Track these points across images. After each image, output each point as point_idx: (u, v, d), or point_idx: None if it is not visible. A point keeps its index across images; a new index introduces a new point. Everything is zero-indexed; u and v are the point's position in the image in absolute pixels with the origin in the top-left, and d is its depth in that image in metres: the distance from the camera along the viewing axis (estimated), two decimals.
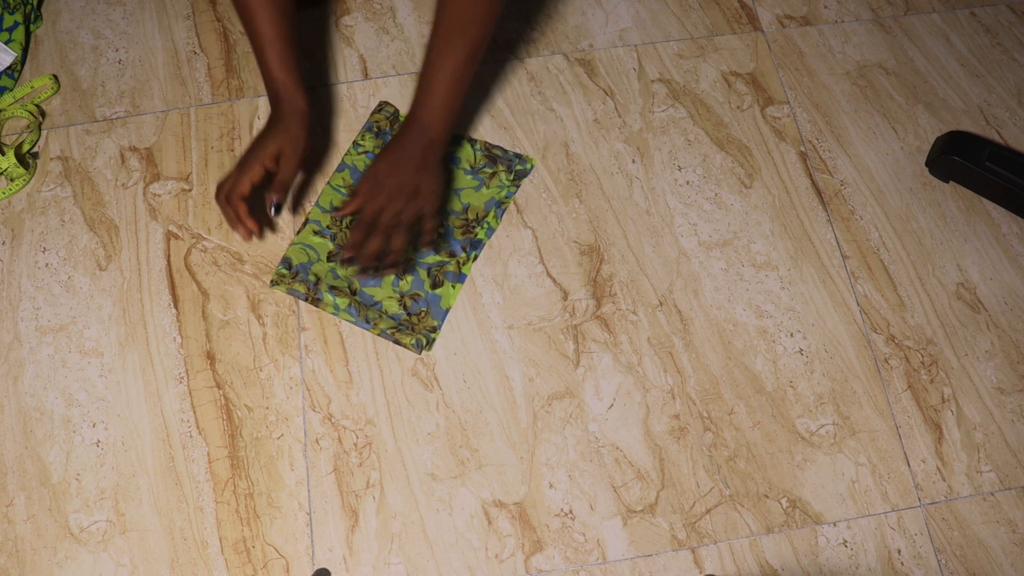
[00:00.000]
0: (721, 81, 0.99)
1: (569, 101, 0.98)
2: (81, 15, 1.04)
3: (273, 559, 0.76)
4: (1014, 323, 0.86)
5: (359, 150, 0.94)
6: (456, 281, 0.87)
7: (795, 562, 0.76)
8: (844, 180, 0.93)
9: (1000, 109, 0.98)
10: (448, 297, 0.86)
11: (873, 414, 0.82)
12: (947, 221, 0.91)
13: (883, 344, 0.85)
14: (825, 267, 0.89)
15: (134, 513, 0.77)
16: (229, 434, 0.81)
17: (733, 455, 0.80)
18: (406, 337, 0.83)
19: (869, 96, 0.98)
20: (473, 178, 0.92)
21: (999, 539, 0.77)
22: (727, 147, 0.95)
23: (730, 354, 0.84)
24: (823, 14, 1.04)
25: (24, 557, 0.76)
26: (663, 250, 0.89)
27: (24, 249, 0.90)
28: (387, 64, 1.01)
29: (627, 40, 1.02)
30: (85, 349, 0.84)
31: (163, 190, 0.93)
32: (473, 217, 0.90)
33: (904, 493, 0.79)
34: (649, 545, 0.76)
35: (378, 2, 1.05)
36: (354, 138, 0.94)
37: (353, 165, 0.92)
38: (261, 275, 0.88)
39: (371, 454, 0.80)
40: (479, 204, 0.91)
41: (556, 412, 0.81)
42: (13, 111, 0.96)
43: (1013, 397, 0.82)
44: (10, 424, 0.81)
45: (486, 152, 0.94)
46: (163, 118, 0.97)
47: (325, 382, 0.83)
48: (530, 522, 0.77)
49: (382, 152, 0.83)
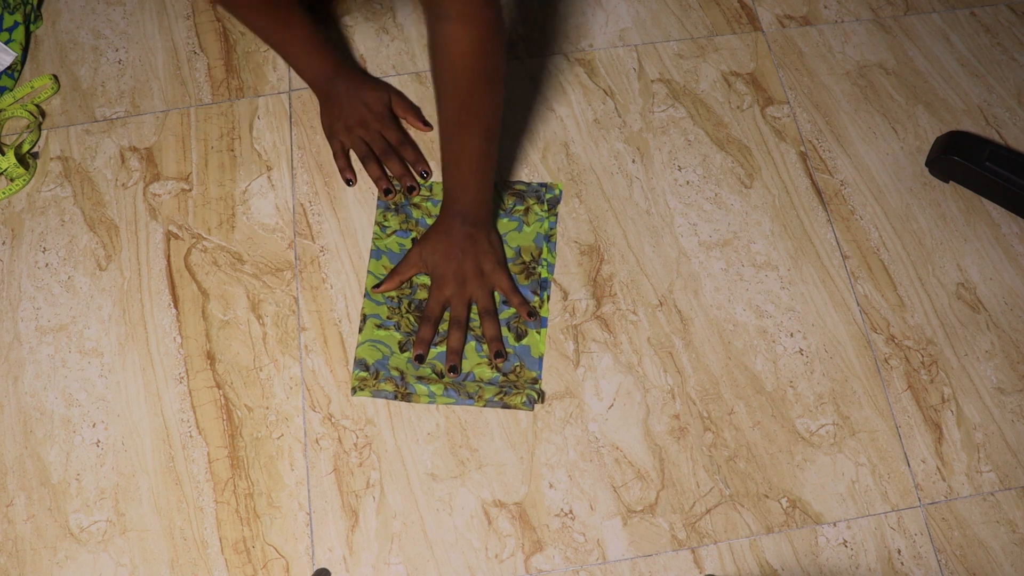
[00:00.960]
0: (721, 81, 0.99)
1: (569, 101, 0.98)
2: (81, 15, 1.04)
3: (273, 559, 0.76)
4: (1014, 323, 0.86)
5: (387, 232, 0.89)
6: (539, 327, 0.84)
7: (795, 562, 0.76)
8: (844, 180, 0.93)
9: (1000, 109, 0.98)
10: (537, 345, 0.83)
11: (873, 414, 0.82)
12: (947, 221, 0.91)
13: (883, 344, 0.85)
14: (825, 267, 0.89)
15: (134, 513, 0.77)
16: (229, 434, 0.81)
17: (733, 455, 0.80)
18: (514, 398, 0.80)
19: (869, 96, 0.98)
20: (510, 220, 0.90)
21: (999, 539, 0.77)
22: (727, 147, 0.95)
23: (730, 354, 0.84)
24: (823, 14, 1.04)
25: (24, 557, 0.76)
26: (663, 250, 0.89)
27: (24, 249, 0.90)
28: (387, 64, 1.01)
29: (627, 40, 1.02)
30: (85, 349, 0.84)
31: (163, 190, 0.93)
32: (529, 259, 0.88)
33: (904, 493, 0.79)
34: (649, 545, 0.76)
35: (378, 2, 1.05)
36: (374, 219, 0.90)
37: (388, 249, 0.88)
38: (261, 275, 0.88)
39: (371, 454, 0.80)
40: (528, 243, 0.89)
41: (556, 412, 0.81)
42: (13, 111, 0.96)
43: (1013, 397, 0.82)
44: (10, 424, 0.81)
45: (511, 191, 0.91)
46: (163, 118, 0.97)
47: (325, 382, 0.83)
48: (530, 522, 0.77)
49: (425, 242, 0.84)
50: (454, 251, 0.83)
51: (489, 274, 0.84)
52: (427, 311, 0.83)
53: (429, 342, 0.82)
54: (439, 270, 0.83)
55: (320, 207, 0.92)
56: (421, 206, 0.91)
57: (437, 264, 0.83)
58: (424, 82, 0.99)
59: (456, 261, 0.83)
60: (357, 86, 0.93)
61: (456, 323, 0.82)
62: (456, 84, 0.69)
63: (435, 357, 0.83)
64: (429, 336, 0.82)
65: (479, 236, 0.83)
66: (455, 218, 0.82)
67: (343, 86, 0.92)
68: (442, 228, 0.83)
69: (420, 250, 0.84)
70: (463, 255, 0.83)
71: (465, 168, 0.77)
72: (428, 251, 0.84)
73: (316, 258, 0.89)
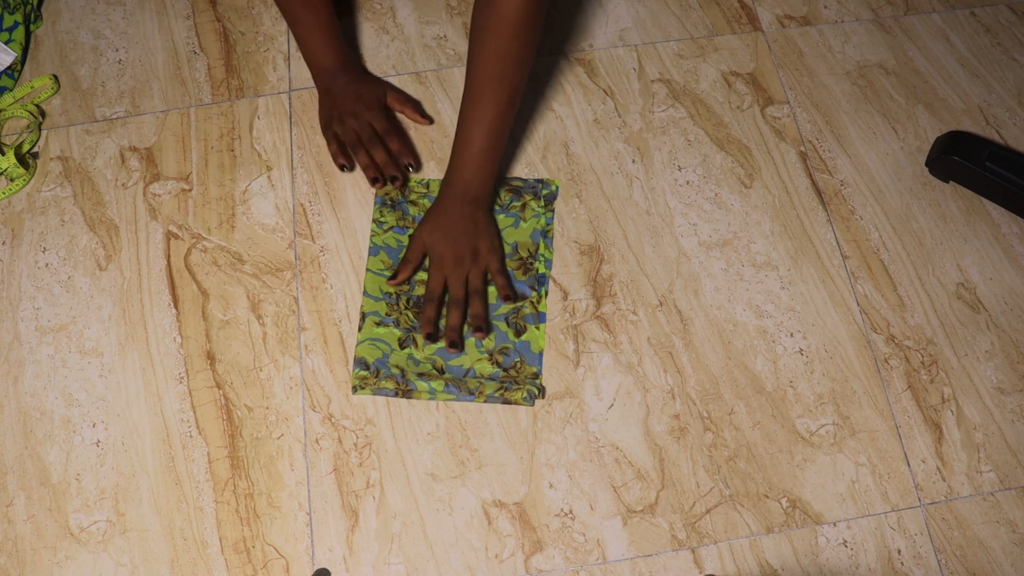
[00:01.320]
0: (721, 81, 0.99)
1: (569, 101, 0.98)
2: (81, 15, 1.04)
3: (273, 559, 0.76)
4: (1014, 323, 0.86)
5: (384, 228, 0.90)
6: (538, 322, 0.84)
7: (795, 562, 0.76)
8: (844, 180, 0.93)
9: (1000, 109, 0.98)
10: (536, 340, 0.84)
11: (873, 414, 0.82)
12: (947, 221, 0.91)
13: (883, 344, 0.85)
14: (825, 267, 0.89)
15: (134, 513, 0.77)
16: (229, 434, 0.81)
17: (733, 455, 0.80)
18: (515, 394, 0.80)
19: (869, 96, 0.98)
20: (507, 216, 0.90)
21: (999, 539, 0.77)
22: (727, 147, 0.95)
23: (730, 354, 0.84)
24: (823, 14, 1.04)
25: (24, 557, 0.76)
26: (663, 250, 0.89)
27: (24, 249, 0.90)
28: (387, 64, 1.01)
29: (627, 40, 1.02)
30: (85, 349, 0.84)
31: (163, 190, 0.93)
32: (526, 254, 0.88)
33: (904, 493, 0.79)
34: (649, 545, 0.76)
35: (378, 2, 1.05)
36: (372, 216, 0.91)
37: (386, 245, 0.89)
38: (261, 275, 0.88)
39: (371, 454, 0.80)
40: (525, 239, 0.89)
41: (556, 412, 0.81)
42: (13, 111, 0.96)
43: (1013, 397, 0.82)
44: (10, 424, 0.81)
45: (508, 187, 0.91)
46: (163, 118, 0.97)
47: (325, 382, 0.83)
48: (530, 522, 0.77)
49: (426, 221, 0.85)
50: (452, 231, 0.83)
51: (484, 255, 0.84)
52: (428, 290, 0.83)
53: (435, 321, 0.82)
54: (437, 249, 0.84)
55: (320, 207, 0.92)
56: (418, 203, 0.91)
57: (436, 244, 0.84)
58: (424, 82, 0.99)
59: (454, 241, 0.83)
60: (355, 81, 0.93)
61: (455, 302, 0.82)
62: (500, 39, 0.74)
63: (435, 352, 0.83)
64: (434, 315, 0.82)
65: (478, 215, 0.84)
66: (455, 197, 0.83)
67: (343, 80, 0.93)
68: (440, 207, 0.84)
69: (420, 231, 0.85)
70: (461, 235, 0.83)
71: (475, 133, 0.80)
72: (427, 231, 0.84)
73: (316, 258, 0.89)
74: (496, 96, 0.78)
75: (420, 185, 0.92)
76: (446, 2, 1.05)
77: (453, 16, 1.04)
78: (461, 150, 0.82)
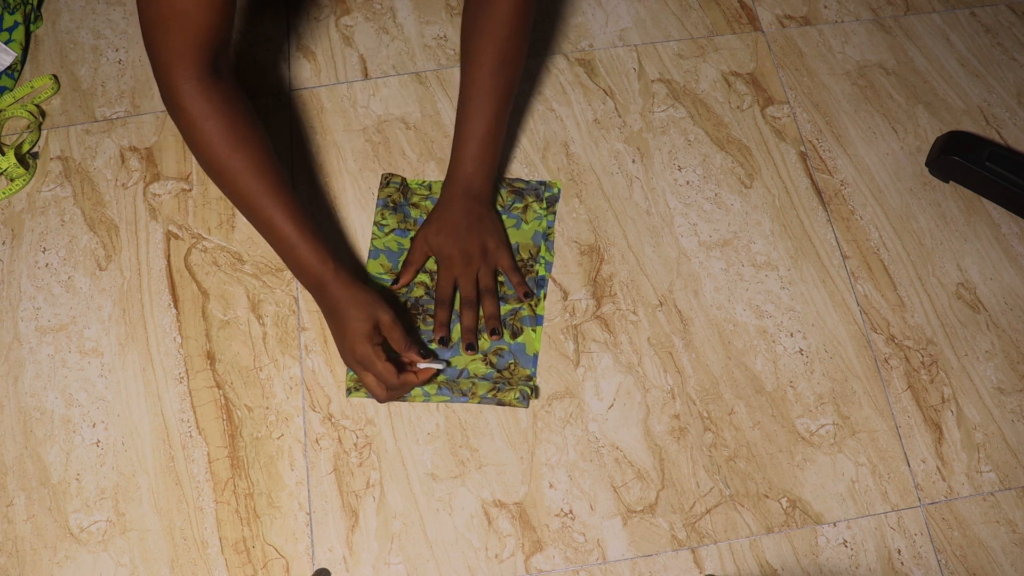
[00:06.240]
0: (721, 81, 0.99)
1: (569, 101, 0.98)
2: (81, 15, 1.04)
3: (273, 559, 0.76)
4: (1014, 323, 0.86)
5: (385, 230, 0.89)
6: (534, 324, 0.84)
7: (795, 562, 0.76)
8: (844, 180, 0.93)
9: (1000, 109, 0.98)
10: (532, 342, 0.83)
11: (873, 414, 0.82)
12: (947, 221, 0.91)
13: (883, 344, 0.85)
14: (825, 267, 0.89)
15: (134, 513, 0.77)
16: (229, 434, 0.81)
17: (733, 455, 0.80)
18: (508, 395, 0.79)
19: (869, 96, 0.98)
20: (508, 217, 0.90)
21: (999, 539, 0.77)
22: (727, 147, 0.95)
23: (730, 354, 0.84)
24: (823, 14, 1.04)
25: (24, 557, 0.76)
26: (663, 250, 0.89)
27: (24, 249, 0.90)
28: (387, 64, 1.01)
29: (627, 40, 1.02)
30: (85, 349, 0.84)
31: (163, 190, 0.93)
32: (527, 256, 0.88)
33: (904, 493, 0.79)
34: (649, 545, 0.76)
35: (378, 2, 1.05)
36: (373, 218, 0.90)
37: (387, 248, 0.88)
38: (261, 275, 0.88)
39: (371, 454, 0.80)
40: (527, 241, 0.88)
41: (556, 412, 0.81)
42: (13, 111, 0.96)
43: (1013, 397, 0.82)
44: (10, 424, 0.81)
45: (510, 188, 0.91)
46: (163, 118, 0.97)
47: (325, 382, 0.83)
48: (530, 522, 0.77)
49: (430, 223, 0.84)
50: (459, 230, 0.83)
51: (493, 252, 0.84)
52: (439, 293, 0.83)
53: (447, 323, 0.82)
54: (445, 250, 0.83)
55: (320, 207, 0.92)
56: (420, 205, 0.91)
57: (443, 245, 0.83)
58: (424, 82, 0.99)
59: (461, 240, 0.83)
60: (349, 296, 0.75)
61: (467, 302, 0.82)
62: (497, 35, 0.76)
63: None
64: (446, 317, 0.82)
65: (483, 212, 0.84)
66: (458, 195, 0.83)
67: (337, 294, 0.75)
68: (444, 207, 0.84)
69: (424, 233, 0.84)
70: (468, 233, 0.83)
71: (475, 128, 0.80)
72: (432, 232, 0.84)
73: None
74: (495, 92, 0.78)
75: (422, 187, 0.92)
76: (446, 2, 1.05)
77: (453, 16, 1.04)
78: (462, 147, 0.82)
